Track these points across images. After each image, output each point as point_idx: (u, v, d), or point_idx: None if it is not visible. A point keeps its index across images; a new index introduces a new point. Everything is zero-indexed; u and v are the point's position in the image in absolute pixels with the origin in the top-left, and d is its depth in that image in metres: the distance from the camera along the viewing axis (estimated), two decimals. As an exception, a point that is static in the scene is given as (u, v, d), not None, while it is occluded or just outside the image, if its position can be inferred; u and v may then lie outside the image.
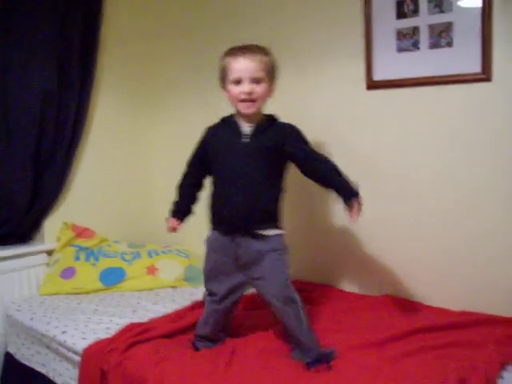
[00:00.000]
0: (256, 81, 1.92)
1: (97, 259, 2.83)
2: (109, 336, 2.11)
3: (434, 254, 2.37)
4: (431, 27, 2.26)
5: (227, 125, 2.03)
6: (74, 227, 2.95)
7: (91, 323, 2.28)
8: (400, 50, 2.35)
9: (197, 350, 2.03)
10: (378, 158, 2.46)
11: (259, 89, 1.92)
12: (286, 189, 2.02)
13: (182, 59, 3.21)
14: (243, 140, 1.96)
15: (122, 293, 2.72)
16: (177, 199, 2.18)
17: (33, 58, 2.67)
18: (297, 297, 1.93)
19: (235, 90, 1.94)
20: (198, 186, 2.15)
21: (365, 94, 2.46)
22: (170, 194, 3.30)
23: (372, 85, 2.44)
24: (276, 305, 1.92)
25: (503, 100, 2.15)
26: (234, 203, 1.94)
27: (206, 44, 3.05)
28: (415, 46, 2.31)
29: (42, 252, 2.88)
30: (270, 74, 1.95)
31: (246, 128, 1.98)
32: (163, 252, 2.97)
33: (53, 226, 2.93)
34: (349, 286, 2.60)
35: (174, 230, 2.14)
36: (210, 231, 2.07)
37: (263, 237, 1.94)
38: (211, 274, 2.05)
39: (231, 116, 2.04)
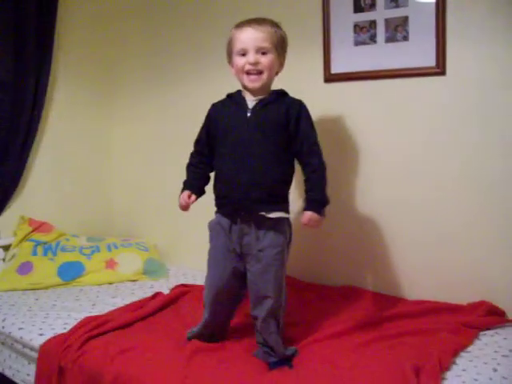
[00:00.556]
0: (262, 51, 1.84)
1: (55, 254, 2.79)
2: (66, 331, 2.09)
3: (401, 248, 2.42)
4: (387, 21, 2.30)
5: (232, 100, 1.95)
6: (31, 222, 2.90)
7: (49, 319, 2.25)
8: (357, 43, 2.37)
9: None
10: (332, 150, 2.48)
11: (265, 60, 1.84)
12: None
13: (140, 59, 3.19)
14: (247, 114, 1.88)
15: (81, 287, 2.69)
16: (186, 178, 2.03)
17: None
18: (282, 304, 1.90)
19: (240, 61, 1.86)
20: (208, 165, 2.00)
21: (323, 86, 2.48)
22: (129, 187, 3.31)
23: (330, 78, 2.46)
24: (258, 312, 1.89)
25: (457, 93, 2.20)
26: (236, 181, 1.85)
27: (165, 43, 3.05)
28: (372, 39, 2.34)
29: (-3, 247, 2.82)
30: (277, 47, 1.87)
31: (251, 102, 1.89)
32: (123, 245, 2.94)
33: (9, 221, 2.88)
34: (309, 277, 2.63)
35: (186, 206, 1.98)
36: (215, 214, 1.97)
37: (266, 221, 1.85)
38: (212, 261, 1.97)
39: (238, 91, 1.96)
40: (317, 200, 1.88)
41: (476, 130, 2.17)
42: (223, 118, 1.95)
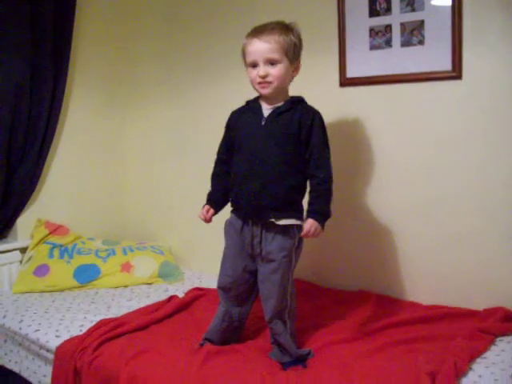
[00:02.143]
0: (271, 62, 1.86)
1: (71, 256, 2.81)
2: (82, 333, 2.10)
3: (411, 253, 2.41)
4: (403, 25, 2.29)
5: (250, 108, 1.98)
6: (47, 224, 2.92)
7: (65, 321, 2.27)
8: (373, 47, 2.37)
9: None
10: (347, 154, 2.49)
11: (274, 71, 1.86)
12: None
13: (155, 58, 3.20)
14: (262, 122, 1.91)
15: (97, 290, 2.71)
16: (210, 190, 2.09)
17: (4, 53, 2.65)
18: (288, 306, 1.92)
19: (252, 73, 1.90)
20: (229, 174, 2.03)
21: (338, 90, 2.48)
22: (144, 191, 3.33)
23: (345, 82, 2.46)
24: (265, 313, 1.93)
25: (473, 98, 2.19)
26: (248, 188, 1.89)
27: (180, 43, 3.06)
28: (388, 43, 2.34)
29: (15, 249, 2.84)
30: (288, 53, 1.87)
31: (267, 111, 1.93)
32: (138, 249, 2.96)
33: (26, 223, 2.90)
34: (324, 281, 2.62)
35: (206, 220, 2.05)
36: (230, 212, 2.03)
37: (275, 225, 1.88)
38: (225, 258, 2.02)
39: (256, 99, 1.99)
40: (318, 211, 1.88)
41: (492, 134, 2.16)
42: (240, 125, 1.99)
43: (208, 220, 2.05)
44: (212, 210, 2.05)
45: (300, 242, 1.95)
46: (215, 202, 2.06)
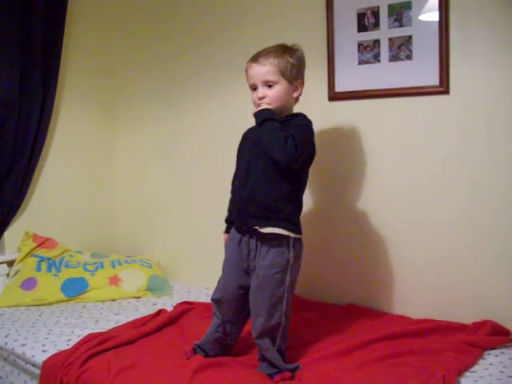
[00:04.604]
0: (268, 84, 1.91)
1: (59, 270, 2.79)
2: (69, 348, 2.08)
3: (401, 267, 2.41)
4: (391, 40, 2.31)
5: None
6: (35, 237, 2.90)
7: (52, 335, 2.25)
8: (361, 62, 2.39)
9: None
10: (337, 168, 2.50)
11: (271, 92, 1.91)
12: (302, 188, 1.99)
13: (144, 71, 3.21)
14: (256, 135, 1.95)
15: (85, 304, 2.69)
16: (228, 210, 2.14)
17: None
18: (281, 323, 1.89)
19: (253, 95, 1.96)
20: None
21: (327, 105, 2.50)
22: (133, 204, 3.32)
23: (334, 96, 2.48)
24: (252, 328, 1.92)
25: (461, 112, 2.21)
26: (239, 197, 1.95)
27: (169, 56, 3.07)
28: (376, 58, 2.36)
29: (1, 263, 2.82)
30: (285, 74, 1.91)
31: None
32: (126, 262, 2.94)
33: (13, 236, 2.88)
34: (311, 295, 2.61)
35: None
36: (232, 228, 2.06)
37: (269, 239, 1.88)
38: (222, 272, 2.03)
39: None
40: (268, 112, 1.88)
41: (481, 149, 2.17)
42: (243, 139, 2.08)
43: None
44: (229, 234, 2.08)
45: (297, 259, 1.94)
46: (231, 223, 2.09)
